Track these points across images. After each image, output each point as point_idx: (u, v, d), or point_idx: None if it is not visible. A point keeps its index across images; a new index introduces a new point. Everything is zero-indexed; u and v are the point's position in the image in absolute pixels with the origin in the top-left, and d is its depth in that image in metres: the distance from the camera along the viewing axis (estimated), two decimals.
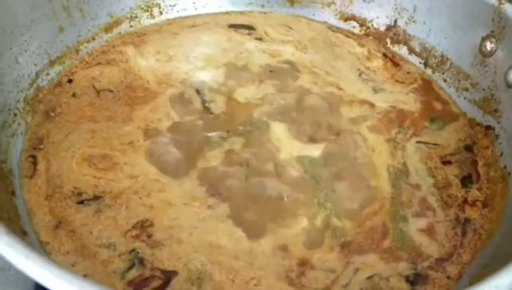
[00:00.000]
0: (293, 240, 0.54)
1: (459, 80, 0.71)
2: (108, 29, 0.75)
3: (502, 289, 0.39)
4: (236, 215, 0.56)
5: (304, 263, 0.53)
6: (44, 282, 0.36)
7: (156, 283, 0.50)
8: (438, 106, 0.70)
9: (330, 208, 0.57)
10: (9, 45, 0.62)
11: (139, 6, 0.78)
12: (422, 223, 0.57)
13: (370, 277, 0.52)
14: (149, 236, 0.54)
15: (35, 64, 0.66)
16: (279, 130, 0.65)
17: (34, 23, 0.66)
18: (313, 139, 0.64)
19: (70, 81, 0.69)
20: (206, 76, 0.71)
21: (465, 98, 0.70)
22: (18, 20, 0.64)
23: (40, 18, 0.66)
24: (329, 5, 0.81)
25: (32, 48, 0.66)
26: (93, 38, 0.73)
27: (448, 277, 0.53)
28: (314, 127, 0.65)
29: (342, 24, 0.81)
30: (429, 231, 0.56)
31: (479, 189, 0.61)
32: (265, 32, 0.79)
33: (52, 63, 0.68)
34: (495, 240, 0.55)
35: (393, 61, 0.76)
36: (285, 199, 0.58)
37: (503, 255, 0.51)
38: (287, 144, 0.63)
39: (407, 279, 0.52)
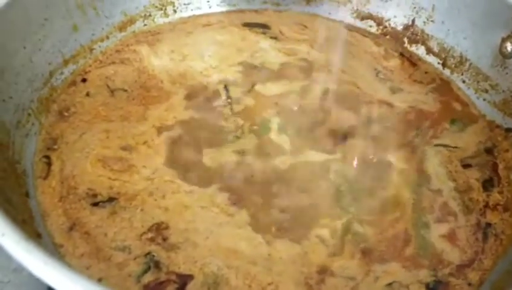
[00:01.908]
0: (313, 247, 0.53)
1: (478, 82, 0.70)
2: (122, 27, 0.74)
3: None
4: (255, 220, 0.55)
5: (323, 271, 0.52)
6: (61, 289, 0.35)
7: (172, 287, 0.50)
8: (457, 106, 0.69)
9: (353, 213, 0.56)
10: (23, 43, 0.62)
11: (153, 4, 0.77)
12: (444, 228, 0.56)
13: (389, 284, 0.51)
14: (164, 239, 0.53)
15: (49, 64, 0.65)
16: (298, 133, 0.64)
17: (48, 21, 0.65)
18: (333, 143, 0.63)
19: (84, 80, 0.68)
20: (221, 75, 0.70)
21: (484, 100, 0.69)
22: (32, 19, 0.63)
23: (54, 16, 0.66)
24: (345, 3, 0.80)
25: (46, 46, 0.65)
26: (107, 37, 0.73)
27: (469, 284, 0.52)
28: (334, 130, 0.64)
29: (358, 23, 0.79)
30: (450, 237, 0.55)
31: (500, 192, 0.60)
32: (280, 31, 0.78)
33: (66, 62, 0.68)
34: None
35: (410, 61, 0.75)
36: (307, 204, 0.57)
37: None
38: (307, 147, 0.62)
39: (427, 286, 0.51)
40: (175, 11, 0.78)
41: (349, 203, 0.57)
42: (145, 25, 0.76)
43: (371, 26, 0.79)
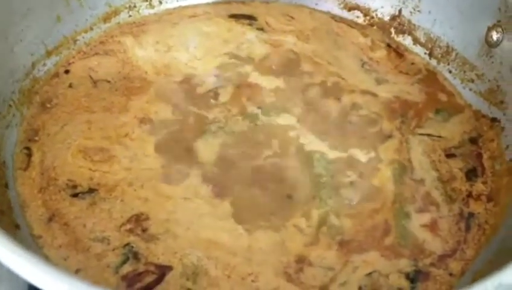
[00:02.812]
0: (290, 236, 0.53)
1: (464, 71, 0.69)
2: (106, 19, 0.73)
3: (506, 285, 0.37)
4: (237, 211, 0.55)
5: (301, 260, 0.51)
6: (38, 283, 0.35)
7: (150, 277, 0.50)
8: (443, 97, 0.68)
9: (330, 206, 0.56)
10: (4, 34, 0.61)
11: None
12: (425, 218, 0.55)
13: (369, 274, 0.51)
14: (144, 230, 0.53)
15: (31, 55, 0.65)
16: (285, 122, 0.64)
17: (31, 11, 0.64)
18: (320, 133, 0.62)
19: (67, 71, 0.67)
20: (206, 66, 0.69)
21: (470, 90, 0.68)
22: (14, 8, 0.62)
23: (37, 6, 0.65)
24: None
25: (28, 37, 0.64)
26: (91, 28, 0.72)
27: (450, 274, 0.52)
28: (319, 120, 0.64)
29: (345, 14, 0.79)
30: (432, 227, 0.55)
31: (484, 183, 0.59)
32: (267, 23, 0.77)
33: (49, 54, 0.67)
34: (500, 235, 0.54)
35: (397, 51, 0.74)
36: (288, 194, 0.56)
37: (508, 251, 0.50)
38: (293, 137, 0.62)
39: (407, 276, 0.51)
40: (160, 2, 0.77)
41: (328, 195, 0.56)
42: (130, 16, 0.76)
43: (358, 16, 0.78)
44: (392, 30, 0.76)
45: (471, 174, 0.60)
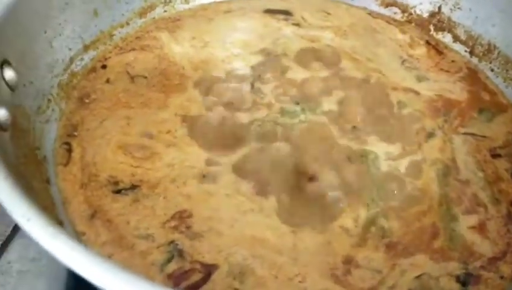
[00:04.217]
0: (336, 237, 0.52)
1: (507, 70, 0.68)
2: (142, 14, 0.73)
3: None
4: (281, 209, 0.54)
5: (349, 261, 0.50)
6: (90, 276, 0.34)
7: (197, 276, 0.49)
8: (485, 96, 0.67)
9: (381, 207, 0.54)
10: (43, 28, 0.61)
11: None
12: (473, 220, 0.54)
13: (418, 276, 0.50)
14: (188, 227, 0.52)
15: (69, 49, 0.64)
16: (327, 119, 0.63)
17: (69, 6, 0.64)
18: (365, 132, 0.61)
19: (104, 66, 0.67)
20: (243, 62, 0.69)
21: None
22: (52, 3, 0.62)
23: (74, 1, 0.65)
24: None
25: (66, 31, 0.64)
26: (127, 23, 0.72)
27: (501, 277, 0.50)
28: (365, 117, 0.63)
29: (382, 10, 0.78)
30: (481, 229, 0.54)
31: None
32: (303, 18, 0.76)
33: (86, 48, 0.67)
34: None
35: (436, 49, 0.73)
36: (336, 195, 0.55)
37: None
38: (339, 135, 0.61)
39: (457, 279, 0.50)
40: None
41: (376, 195, 0.55)
42: (165, 11, 0.75)
43: (395, 13, 0.77)
44: (431, 27, 0.75)
45: None
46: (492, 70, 0.69)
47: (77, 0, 0.65)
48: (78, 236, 0.51)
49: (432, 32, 0.75)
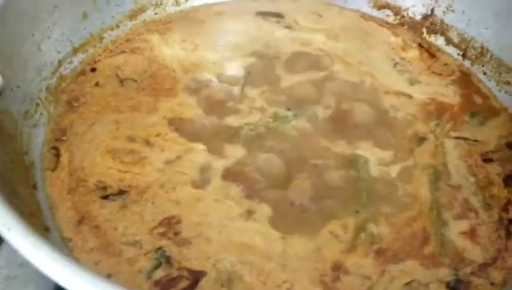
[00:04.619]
0: (326, 243, 0.51)
1: (500, 73, 0.68)
2: (132, 16, 0.72)
3: None
4: (272, 214, 0.53)
5: (338, 267, 0.50)
6: (72, 287, 0.34)
7: (184, 283, 0.48)
8: (478, 99, 0.67)
9: (371, 213, 0.54)
10: (31, 30, 0.60)
11: None
12: (464, 225, 0.54)
13: (408, 283, 0.49)
14: (176, 233, 0.51)
15: (58, 52, 0.64)
16: (319, 124, 0.62)
17: (58, 8, 0.63)
18: (357, 137, 0.61)
19: (93, 70, 0.66)
20: (234, 65, 0.68)
21: (506, 92, 0.67)
22: (41, 5, 0.61)
23: (63, 3, 0.64)
24: None
25: (55, 34, 0.63)
26: (118, 26, 0.71)
27: (492, 283, 0.50)
28: (357, 121, 0.62)
29: (375, 12, 0.77)
30: (471, 234, 0.53)
31: None
32: (295, 20, 0.76)
33: (75, 51, 0.66)
34: None
35: (429, 52, 0.72)
36: (326, 200, 0.55)
37: None
38: (330, 140, 0.61)
39: (448, 285, 0.49)
40: (186, 0, 0.76)
41: (367, 201, 0.55)
42: (156, 13, 0.74)
43: (388, 15, 0.77)
44: (424, 30, 0.74)
45: (509, 180, 0.58)
46: (485, 73, 0.69)
47: (66, 2, 0.64)
48: (64, 242, 0.50)
49: (425, 35, 0.74)
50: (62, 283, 0.34)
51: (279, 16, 0.76)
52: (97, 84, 0.64)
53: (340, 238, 0.52)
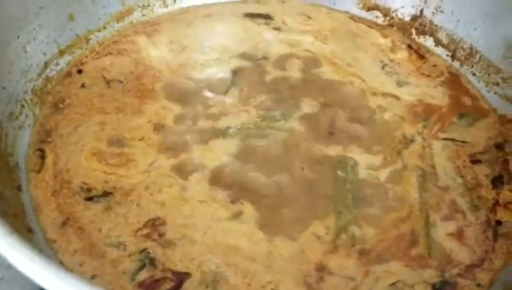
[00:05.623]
0: (309, 245, 0.51)
1: (489, 74, 0.67)
2: (120, 18, 0.72)
3: None
4: (256, 216, 0.53)
5: (321, 268, 0.50)
6: (50, 288, 0.33)
7: (168, 285, 0.48)
8: (467, 101, 0.66)
9: (354, 213, 0.54)
10: (16, 32, 0.60)
11: None
12: (451, 227, 0.53)
13: (393, 284, 0.49)
14: (161, 235, 0.51)
15: (44, 54, 0.63)
16: (307, 125, 0.62)
17: (43, 10, 0.63)
18: (344, 138, 0.61)
19: (80, 71, 0.66)
20: (222, 67, 0.68)
21: (495, 93, 0.66)
22: (26, 7, 0.61)
23: (49, 5, 0.64)
24: None
25: (41, 36, 0.63)
26: (104, 28, 0.70)
27: (478, 285, 0.50)
28: (345, 123, 0.62)
29: (364, 14, 0.77)
30: (459, 235, 0.53)
31: (511, 190, 0.57)
32: (284, 22, 0.75)
33: (61, 53, 0.66)
34: None
35: (418, 53, 0.72)
36: (310, 201, 0.54)
37: None
38: (318, 142, 0.60)
39: (433, 287, 0.49)
40: (174, 1, 0.76)
41: (351, 203, 0.55)
42: (143, 15, 0.74)
43: (377, 17, 0.76)
44: (413, 31, 0.74)
45: (497, 182, 0.58)
46: (474, 74, 0.69)
47: (52, 4, 0.64)
48: (48, 244, 0.50)
49: (414, 36, 0.74)
50: (41, 283, 0.34)
51: (267, 17, 0.76)
52: (83, 86, 0.64)
53: (322, 240, 0.52)
